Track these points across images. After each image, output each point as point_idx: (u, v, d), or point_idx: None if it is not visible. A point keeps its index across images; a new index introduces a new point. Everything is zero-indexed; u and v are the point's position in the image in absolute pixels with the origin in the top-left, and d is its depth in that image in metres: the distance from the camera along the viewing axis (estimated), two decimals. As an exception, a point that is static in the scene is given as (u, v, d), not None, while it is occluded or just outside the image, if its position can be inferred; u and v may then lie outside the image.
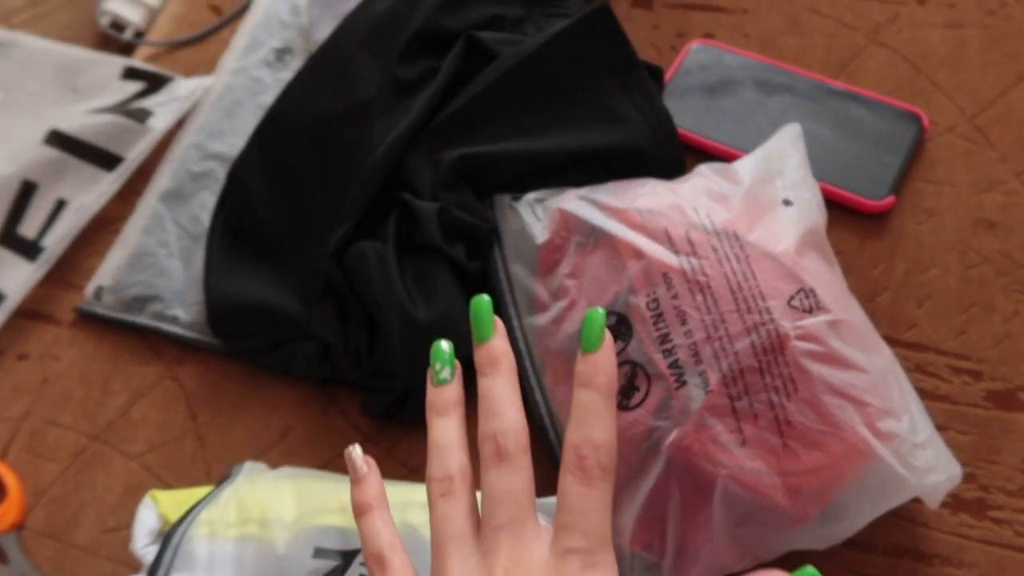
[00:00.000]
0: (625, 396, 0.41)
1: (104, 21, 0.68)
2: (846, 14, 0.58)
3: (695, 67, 0.57)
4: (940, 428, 0.44)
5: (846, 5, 0.59)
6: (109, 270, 0.56)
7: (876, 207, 0.50)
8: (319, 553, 0.37)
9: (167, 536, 0.38)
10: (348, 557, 0.37)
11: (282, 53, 0.63)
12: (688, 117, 0.54)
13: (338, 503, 0.39)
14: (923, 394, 0.45)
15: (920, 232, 0.50)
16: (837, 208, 0.50)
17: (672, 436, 0.38)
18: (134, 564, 0.44)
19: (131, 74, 0.64)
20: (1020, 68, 0.54)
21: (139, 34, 0.69)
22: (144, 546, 0.39)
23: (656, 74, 0.52)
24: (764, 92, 0.55)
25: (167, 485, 0.49)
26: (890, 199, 0.50)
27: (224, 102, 0.61)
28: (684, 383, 0.39)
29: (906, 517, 0.42)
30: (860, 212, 0.50)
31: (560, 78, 0.47)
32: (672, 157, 0.49)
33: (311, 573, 0.36)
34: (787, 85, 0.55)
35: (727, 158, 0.52)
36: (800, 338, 0.38)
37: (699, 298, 0.40)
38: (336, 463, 0.48)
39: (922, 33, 0.57)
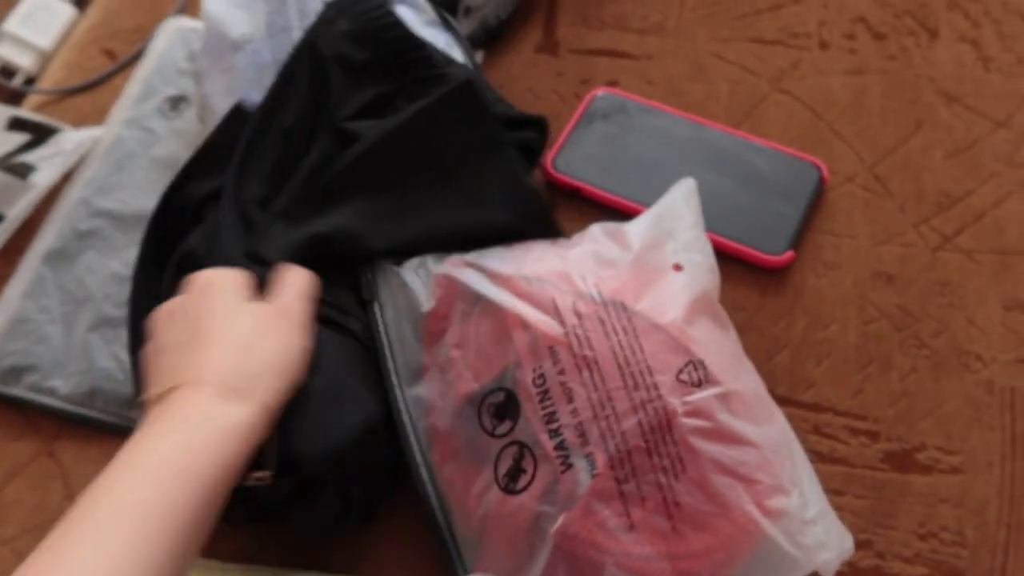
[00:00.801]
0: (512, 479, 0.39)
1: (-9, 66, 0.65)
2: (750, 60, 0.58)
3: (598, 116, 0.56)
4: (837, 492, 0.43)
5: (751, 51, 0.58)
6: (-14, 338, 0.53)
7: (776, 262, 0.49)
8: None
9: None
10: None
11: (176, 101, 0.61)
12: (589, 170, 0.53)
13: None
14: (821, 457, 0.45)
15: (820, 286, 0.49)
16: (738, 263, 0.50)
17: (558, 523, 0.37)
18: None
19: (16, 125, 0.61)
20: (918, 115, 0.55)
21: (30, 80, 0.66)
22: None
23: (542, 127, 0.51)
24: (666, 143, 0.54)
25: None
26: (789, 254, 0.49)
27: (115, 155, 0.59)
28: (571, 466, 0.38)
29: (803, 588, 0.41)
30: (760, 267, 0.50)
31: (423, 155, 0.46)
32: (544, 236, 0.47)
33: None
34: (689, 136, 0.54)
35: (628, 212, 0.51)
36: (688, 414, 0.37)
37: (586, 374, 0.39)
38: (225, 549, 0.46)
39: (824, 80, 0.57)
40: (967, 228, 0.50)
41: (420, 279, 0.46)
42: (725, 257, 0.49)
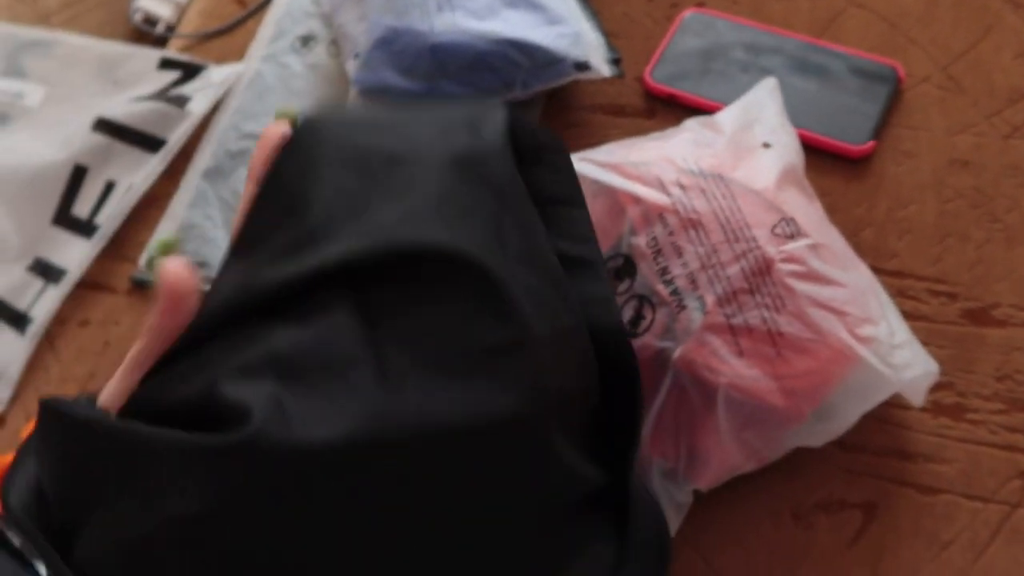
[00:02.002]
0: (633, 325, 0.46)
1: (137, 17, 0.73)
2: (827, -21, 0.63)
3: (689, 34, 0.61)
4: (921, 344, 0.49)
5: (827, -29, 0.63)
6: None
7: (858, 151, 0.55)
8: None
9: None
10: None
11: (306, 40, 0.68)
12: (682, 79, 0.59)
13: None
14: (904, 315, 0.50)
15: (899, 173, 0.55)
16: (823, 154, 0.55)
17: (677, 353, 0.43)
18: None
19: (167, 64, 0.69)
20: (987, 21, 0.59)
21: (170, 28, 0.74)
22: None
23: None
24: (752, 53, 0.60)
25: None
26: (871, 144, 0.55)
27: (256, 87, 0.67)
28: (684, 307, 0.44)
29: (892, 421, 0.47)
30: (844, 157, 0.55)
31: None
32: None
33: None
34: (774, 46, 0.60)
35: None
36: (784, 260, 0.43)
37: (692, 233, 0.45)
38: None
39: (898, -7, 0.61)
40: (1037, 118, 0.55)
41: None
42: (812, 150, 0.55)
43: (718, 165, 0.47)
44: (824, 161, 0.55)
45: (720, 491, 0.45)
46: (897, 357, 0.42)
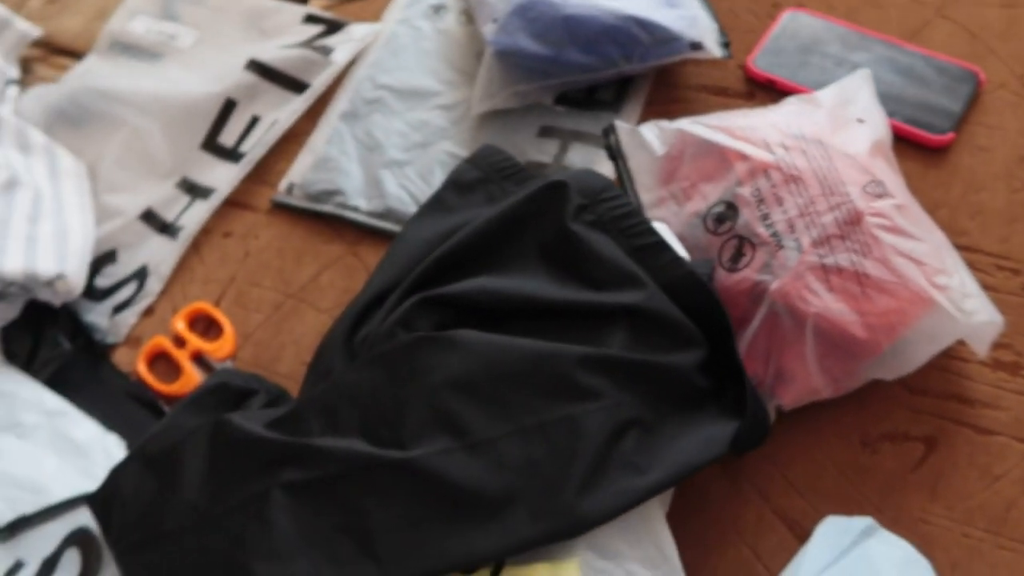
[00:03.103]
0: (734, 261, 0.52)
1: (284, -21, 0.82)
2: (917, -7, 0.70)
3: (789, 30, 0.68)
4: (984, 308, 0.55)
5: (917, -13, 0.70)
6: (299, 171, 0.69)
7: (939, 141, 0.61)
8: None
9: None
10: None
11: (438, 8, 0.76)
12: (781, 67, 0.66)
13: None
14: (971, 284, 0.56)
15: (974, 164, 0.61)
16: (906, 143, 0.61)
17: (775, 285, 0.50)
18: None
19: (311, 19, 0.77)
20: (1064, 40, 0.65)
21: (311, -9, 0.82)
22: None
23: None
24: (846, 51, 0.66)
25: (349, 334, 0.61)
26: (950, 135, 0.61)
27: (391, 45, 0.74)
28: (782, 247, 0.50)
29: (954, 371, 0.53)
30: (925, 146, 0.61)
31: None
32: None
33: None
34: (866, 46, 0.66)
35: (814, 99, 0.63)
36: (872, 215, 0.49)
37: (792, 186, 0.51)
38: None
39: (981, 10, 0.68)
40: (1103, 127, 0.61)
41: (654, 134, 0.59)
42: (897, 138, 0.61)
43: (818, 132, 0.54)
44: (907, 148, 0.61)
45: (798, 414, 0.51)
46: (967, 304, 0.48)
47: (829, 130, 0.54)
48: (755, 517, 0.50)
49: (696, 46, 0.64)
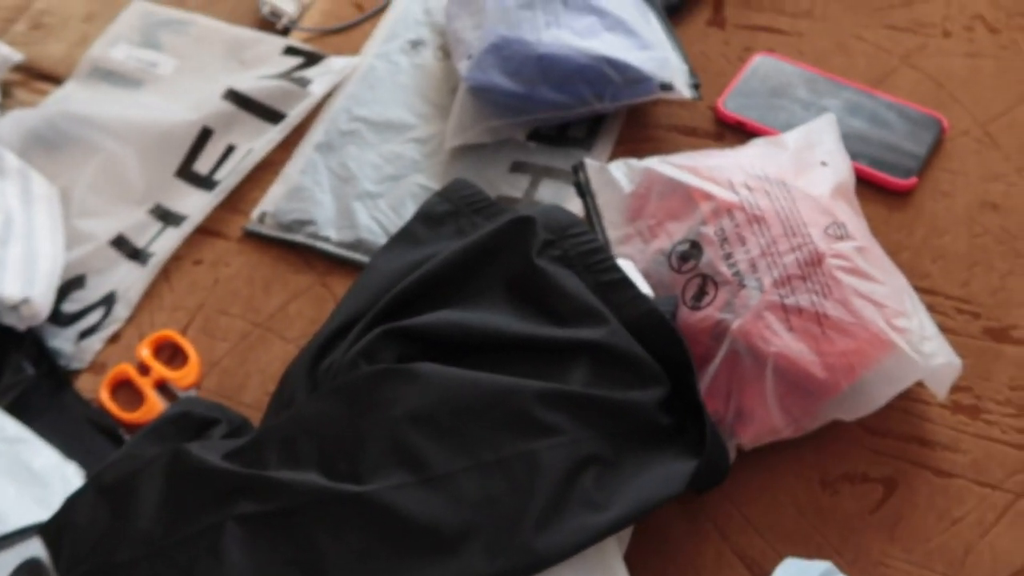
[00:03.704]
0: (697, 300, 0.53)
1: (265, 10, 0.83)
2: (884, 41, 0.71)
3: (759, 74, 0.70)
4: (945, 351, 0.55)
5: (885, 35, 0.72)
6: (272, 200, 0.69)
7: (902, 185, 0.62)
8: None
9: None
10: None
11: (416, 43, 0.77)
12: (751, 110, 0.67)
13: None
14: (932, 326, 0.56)
15: (936, 208, 0.62)
16: (871, 186, 0.62)
17: (736, 324, 0.50)
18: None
19: (291, 51, 0.78)
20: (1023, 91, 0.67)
21: (291, 22, 0.83)
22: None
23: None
24: (814, 95, 0.68)
25: (315, 365, 0.61)
26: (913, 180, 0.62)
27: (369, 78, 0.75)
28: (744, 286, 0.51)
29: (915, 413, 0.53)
30: (889, 189, 0.62)
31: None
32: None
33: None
34: (833, 91, 0.68)
35: (782, 142, 0.64)
36: (833, 256, 0.50)
37: (755, 226, 0.52)
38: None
39: (946, 60, 0.69)
40: (1062, 175, 0.62)
41: (622, 172, 0.60)
42: (861, 181, 0.62)
43: (781, 173, 0.55)
44: (872, 191, 0.62)
45: (758, 453, 0.51)
46: (926, 347, 0.48)
47: (793, 172, 0.55)
48: (714, 556, 0.50)
49: (666, 87, 0.65)
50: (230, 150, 0.73)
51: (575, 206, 0.61)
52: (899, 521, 0.50)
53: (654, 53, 0.66)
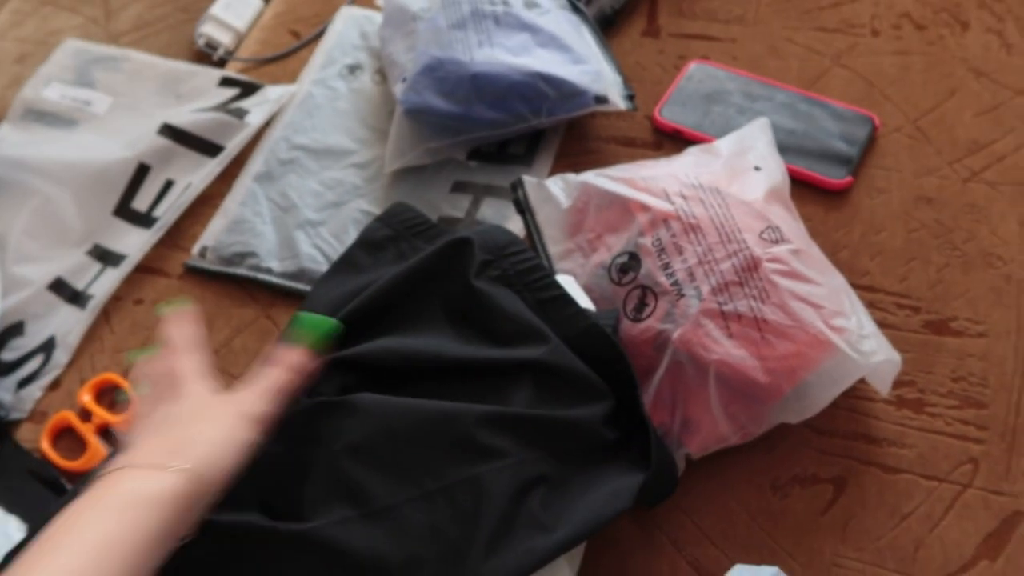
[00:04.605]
0: (637, 311, 0.53)
1: (201, 42, 0.82)
2: (815, 43, 0.72)
3: (694, 81, 0.70)
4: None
5: (815, 37, 0.73)
6: (212, 233, 0.68)
7: (838, 185, 0.63)
8: None
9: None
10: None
11: (353, 68, 0.77)
12: (686, 117, 0.68)
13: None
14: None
15: (873, 205, 0.62)
16: (807, 187, 0.63)
17: (676, 334, 0.50)
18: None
19: (227, 82, 0.77)
20: (952, 85, 0.68)
21: (228, 53, 0.83)
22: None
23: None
24: (749, 100, 0.68)
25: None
26: (849, 179, 0.63)
27: (306, 106, 0.75)
28: (683, 295, 0.51)
29: (860, 411, 0.53)
30: (825, 189, 0.63)
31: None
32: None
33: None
34: (767, 95, 0.68)
35: (719, 148, 0.65)
36: (769, 260, 0.50)
37: (691, 235, 0.52)
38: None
39: (876, 59, 0.70)
40: (991, 166, 0.63)
41: (559, 187, 0.60)
42: (798, 183, 0.63)
43: (715, 181, 0.55)
44: (808, 192, 0.63)
45: (707, 462, 0.51)
46: (865, 345, 0.49)
47: (726, 178, 0.55)
48: (668, 567, 0.50)
49: (601, 99, 0.65)
50: (168, 186, 0.72)
51: (516, 224, 0.61)
52: (849, 520, 0.50)
53: (588, 67, 0.66)
